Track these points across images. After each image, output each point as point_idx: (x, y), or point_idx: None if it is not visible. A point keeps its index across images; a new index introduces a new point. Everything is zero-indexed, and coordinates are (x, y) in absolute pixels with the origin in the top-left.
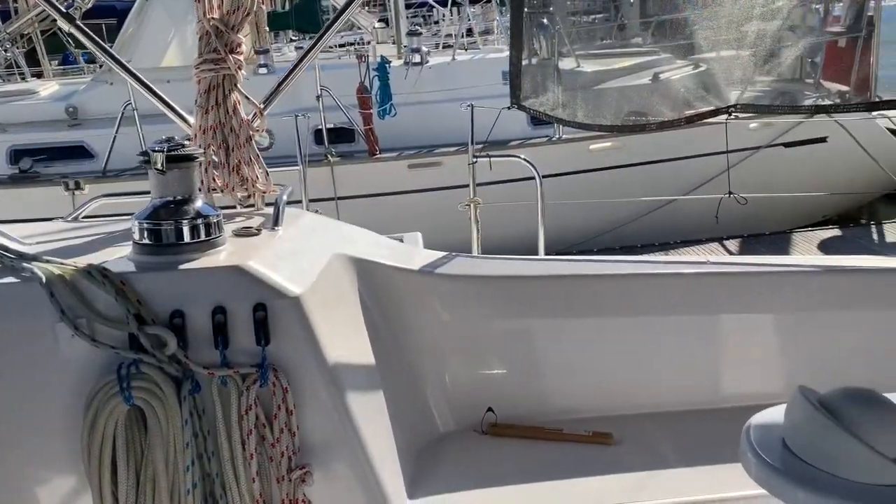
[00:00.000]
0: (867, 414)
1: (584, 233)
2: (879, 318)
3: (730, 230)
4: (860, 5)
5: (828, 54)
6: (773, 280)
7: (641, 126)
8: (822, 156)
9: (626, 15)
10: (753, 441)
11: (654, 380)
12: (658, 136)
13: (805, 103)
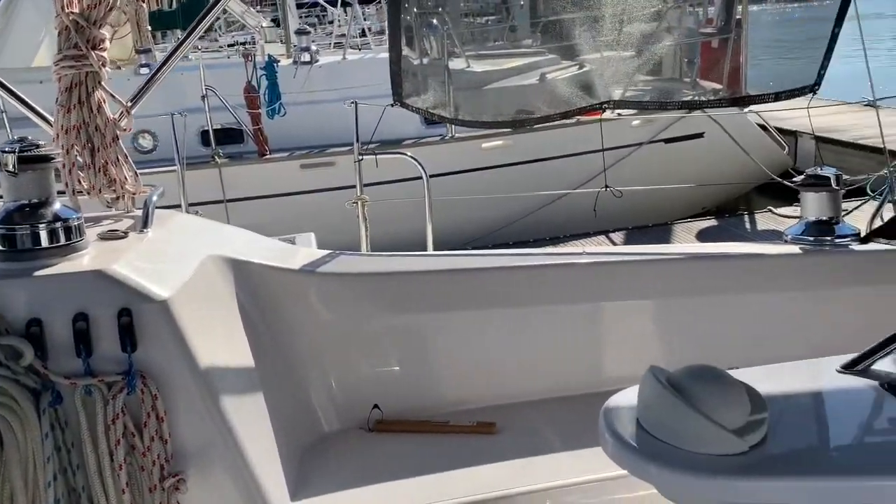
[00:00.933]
0: (710, 390)
1: (477, 230)
2: (741, 300)
3: (617, 223)
4: (730, 8)
5: (703, 54)
6: (644, 268)
7: (521, 121)
8: (699, 151)
9: (517, 17)
10: (610, 421)
11: (535, 368)
12: (548, 134)
13: (683, 101)
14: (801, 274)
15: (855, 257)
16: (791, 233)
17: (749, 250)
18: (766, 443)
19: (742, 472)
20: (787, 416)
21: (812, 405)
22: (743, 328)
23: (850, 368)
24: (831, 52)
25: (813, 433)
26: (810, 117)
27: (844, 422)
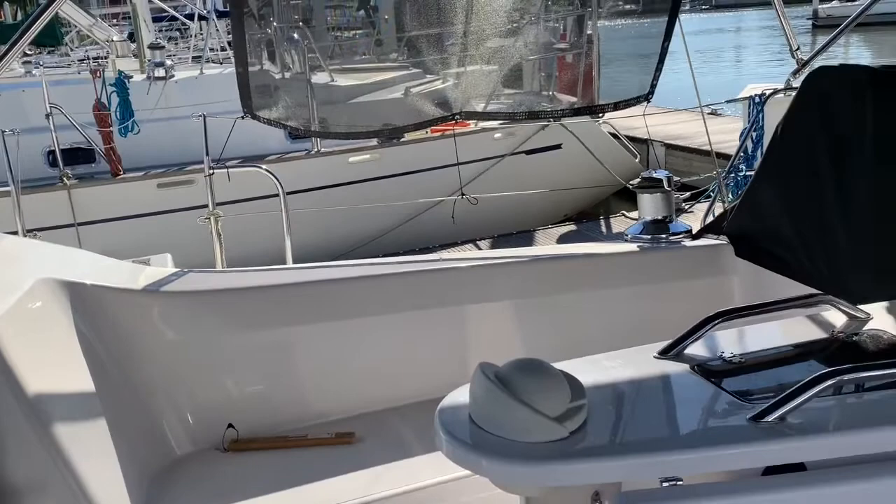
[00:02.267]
0: (532, 381)
1: (341, 246)
2: (586, 297)
3: (483, 233)
4: (581, 24)
5: (560, 68)
6: (498, 271)
7: (377, 132)
8: (558, 161)
9: (382, 31)
10: (444, 420)
11: (396, 375)
12: (416, 147)
13: (545, 111)
14: (639, 270)
15: (687, 252)
16: (631, 232)
17: (593, 250)
18: (586, 427)
19: (563, 457)
20: (605, 401)
21: (629, 390)
22: (589, 322)
23: (666, 354)
24: (662, 65)
25: (628, 416)
26: (656, 125)
27: (656, 403)
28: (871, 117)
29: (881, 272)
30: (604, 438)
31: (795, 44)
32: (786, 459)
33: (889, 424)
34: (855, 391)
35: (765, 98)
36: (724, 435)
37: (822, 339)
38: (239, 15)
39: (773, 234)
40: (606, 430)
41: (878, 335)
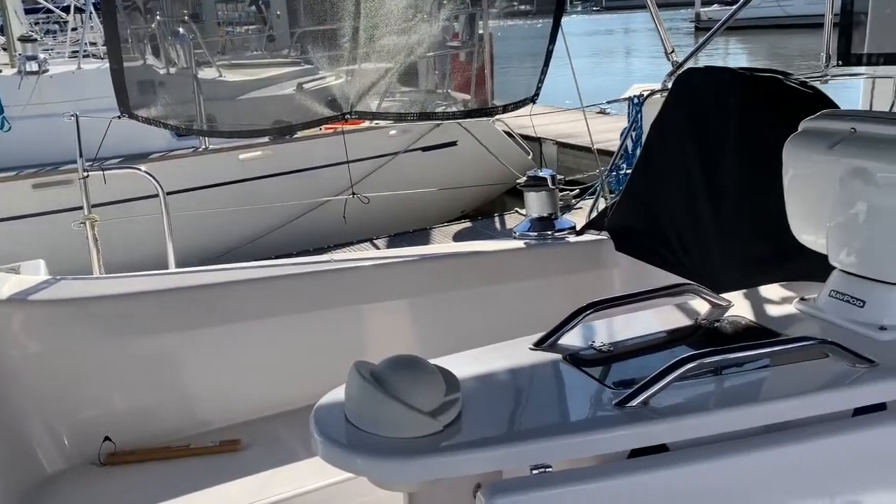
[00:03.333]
0: (406, 378)
1: (232, 245)
2: (476, 293)
3: (380, 231)
4: (473, 24)
5: (454, 67)
6: (389, 270)
7: (265, 130)
8: (454, 158)
9: (275, 27)
10: (319, 421)
11: (283, 379)
12: (306, 143)
13: (436, 111)
14: (526, 266)
15: (571, 248)
16: (519, 230)
17: (482, 248)
18: (460, 420)
19: (436, 450)
20: (481, 393)
21: (503, 382)
22: (478, 318)
23: (540, 345)
24: (547, 67)
25: (501, 407)
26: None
27: (528, 393)
28: (734, 118)
29: (746, 263)
30: (476, 430)
31: (670, 46)
32: (649, 442)
33: (744, 404)
34: (714, 374)
35: (642, 99)
36: (590, 421)
37: (687, 325)
38: (110, 9)
39: (649, 229)
40: (479, 421)
41: (737, 321)
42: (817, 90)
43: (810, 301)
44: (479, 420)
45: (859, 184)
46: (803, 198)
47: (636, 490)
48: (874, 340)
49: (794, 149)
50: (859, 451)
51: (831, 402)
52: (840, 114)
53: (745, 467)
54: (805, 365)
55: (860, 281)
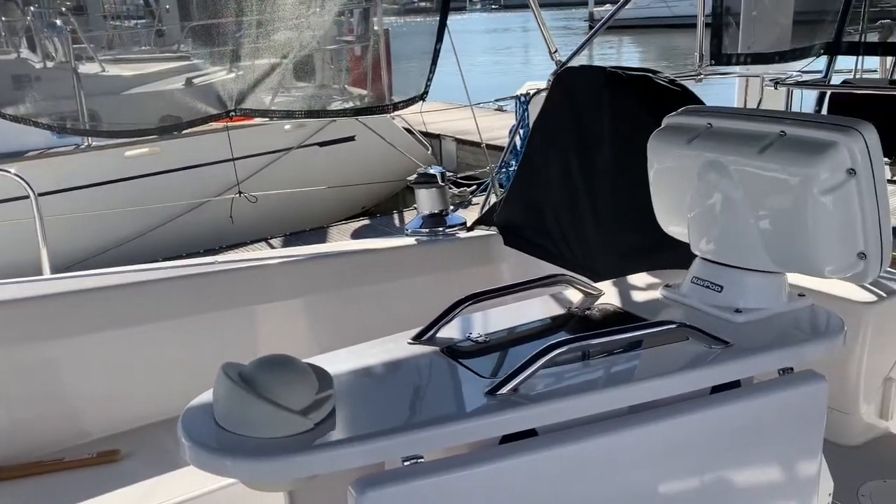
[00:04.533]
0: (276, 377)
1: (118, 244)
2: (368, 291)
3: (274, 230)
4: (367, 18)
5: (351, 62)
6: (278, 270)
7: (148, 130)
8: (352, 153)
9: (165, 20)
10: (187, 426)
11: (165, 386)
12: (197, 139)
13: (332, 107)
14: (418, 262)
15: (462, 243)
16: (410, 227)
17: (374, 246)
18: (333, 417)
19: (307, 448)
20: (356, 389)
21: (379, 376)
22: (369, 316)
23: (419, 339)
24: (435, 65)
25: (375, 401)
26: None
27: (404, 386)
28: (608, 115)
29: (622, 254)
30: (349, 426)
31: (553, 46)
32: (518, 427)
33: (610, 386)
34: (583, 359)
35: (529, 97)
36: (462, 410)
37: (560, 314)
38: None
39: (535, 223)
40: (353, 417)
41: (606, 308)
42: (685, 88)
43: (674, 287)
44: (353, 416)
45: (714, 176)
46: (666, 190)
47: (506, 474)
48: (731, 323)
49: (657, 144)
50: (717, 426)
51: (690, 381)
52: (699, 110)
53: (611, 447)
54: (667, 348)
55: (718, 267)
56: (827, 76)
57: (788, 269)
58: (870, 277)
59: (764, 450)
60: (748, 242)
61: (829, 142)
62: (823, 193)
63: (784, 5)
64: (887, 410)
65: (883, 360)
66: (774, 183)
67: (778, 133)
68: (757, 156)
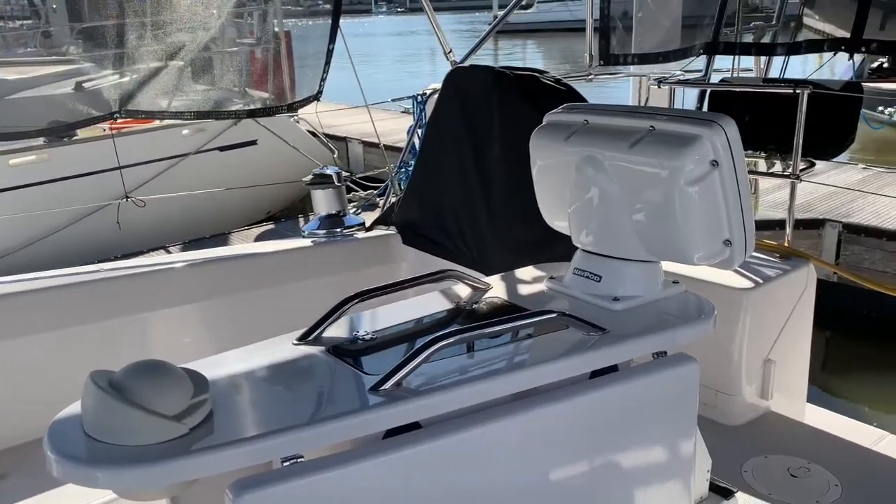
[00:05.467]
0: (148, 383)
1: (7, 254)
2: (266, 294)
3: (176, 237)
4: (267, 21)
5: (252, 64)
6: (171, 276)
7: (24, 133)
8: (255, 157)
9: (52, 22)
10: (54, 439)
11: (46, 401)
12: (90, 146)
13: (219, 110)
14: (316, 264)
15: (360, 244)
16: (307, 228)
17: (269, 248)
18: (211, 420)
19: (183, 454)
20: (236, 392)
21: (262, 378)
22: (267, 319)
23: (304, 339)
24: (328, 65)
25: (256, 403)
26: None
27: (286, 387)
28: (497, 114)
29: (514, 248)
30: (227, 429)
31: (448, 47)
32: (401, 421)
33: (492, 376)
34: (468, 351)
35: (426, 97)
36: (343, 407)
37: (448, 309)
38: None
39: (432, 221)
40: (232, 420)
41: (493, 301)
42: (570, 87)
43: (558, 279)
44: (232, 419)
45: (591, 171)
46: (548, 186)
47: (390, 469)
48: (609, 310)
49: (538, 141)
50: (596, 409)
51: (570, 367)
52: (577, 107)
53: (495, 435)
54: (548, 336)
55: (597, 258)
56: (706, 75)
57: (661, 258)
58: (736, 263)
59: (642, 430)
60: (624, 233)
61: (694, 135)
62: (689, 184)
63: (667, 8)
64: (767, 390)
65: (762, 342)
66: (645, 175)
67: (648, 128)
68: (629, 150)
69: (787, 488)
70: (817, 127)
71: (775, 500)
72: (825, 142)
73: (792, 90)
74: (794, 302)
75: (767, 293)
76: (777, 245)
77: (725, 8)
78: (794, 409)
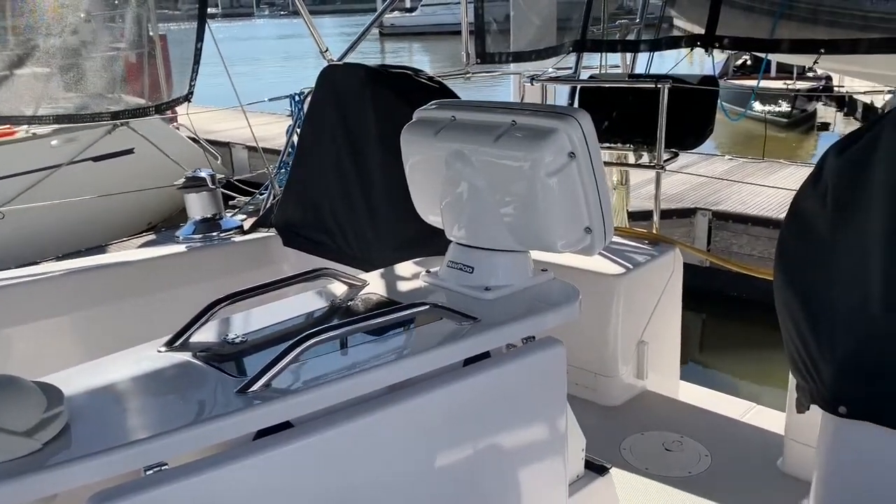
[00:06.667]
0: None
1: None
2: (138, 302)
3: (58, 248)
4: (140, 24)
5: (126, 69)
6: (39, 287)
7: None
8: (132, 167)
9: None
10: None
11: None
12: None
13: (82, 114)
14: (193, 269)
15: (239, 247)
16: (182, 233)
17: (143, 256)
18: (67, 434)
19: (35, 470)
20: (96, 404)
21: (124, 388)
22: (142, 328)
23: (171, 346)
24: (198, 65)
25: (117, 413)
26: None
27: (150, 395)
28: (371, 112)
29: (396, 244)
30: (85, 441)
31: (324, 46)
32: (270, 422)
33: (365, 370)
34: (341, 347)
35: (303, 97)
36: (210, 411)
37: (323, 307)
38: None
39: (312, 221)
40: (90, 432)
41: (368, 298)
42: (443, 84)
43: (434, 273)
44: (91, 430)
45: (459, 165)
46: (421, 182)
47: (260, 469)
48: (481, 300)
49: (409, 137)
50: (469, 396)
51: (442, 357)
52: (445, 104)
53: (369, 428)
54: (422, 328)
55: (469, 250)
56: (576, 72)
57: (529, 247)
58: (597, 249)
59: (515, 413)
60: (493, 225)
61: (551, 129)
62: (549, 175)
63: (538, 8)
64: (642, 370)
65: (635, 325)
66: (509, 168)
67: (510, 123)
68: (493, 144)
69: (661, 462)
70: (679, 120)
71: (651, 474)
72: (686, 133)
73: (653, 85)
74: (663, 285)
75: (638, 278)
76: (646, 232)
77: (591, 7)
78: (668, 387)
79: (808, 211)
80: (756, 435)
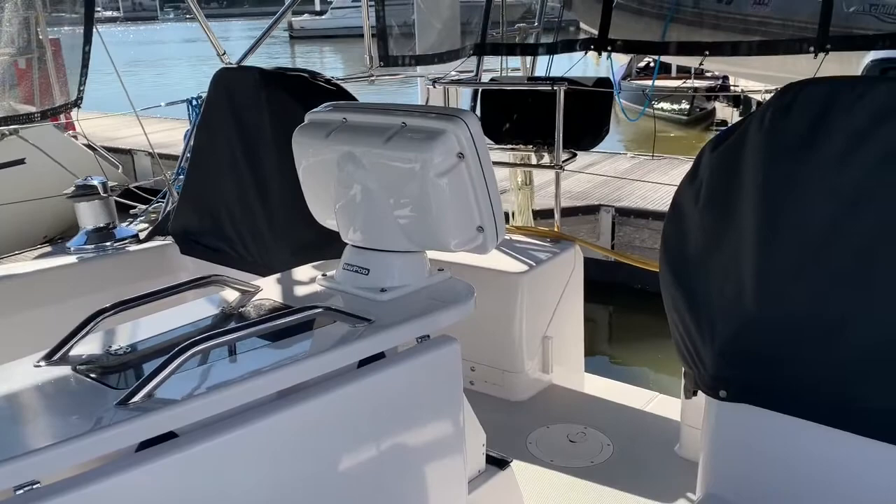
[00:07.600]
0: None
1: None
2: (28, 317)
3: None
4: (29, 28)
5: (16, 75)
6: None
7: None
8: (24, 178)
9: None
10: None
11: None
12: None
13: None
14: (83, 281)
15: (134, 256)
16: (73, 244)
17: (32, 268)
18: None
19: None
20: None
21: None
22: (26, 344)
23: (49, 359)
24: (86, 69)
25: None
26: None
27: (22, 413)
28: (266, 115)
29: (295, 249)
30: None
31: (221, 49)
32: (151, 433)
33: (253, 377)
34: (230, 354)
35: (201, 101)
36: (86, 425)
37: (213, 315)
38: None
39: (210, 228)
40: None
41: (261, 304)
42: (340, 87)
43: (330, 276)
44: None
45: (351, 167)
46: (314, 185)
47: (142, 482)
48: (376, 301)
49: (300, 139)
50: (364, 397)
51: (335, 359)
52: (339, 106)
53: (259, 434)
54: (315, 332)
55: (365, 252)
56: (477, 75)
57: (423, 248)
58: (489, 248)
59: (412, 412)
60: (387, 226)
61: (440, 130)
62: (439, 176)
63: (440, 11)
64: (547, 365)
65: (539, 321)
66: (400, 170)
67: (400, 125)
68: (383, 146)
69: (565, 453)
70: (576, 121)
71: (555, 466)
72: (583, 134)
73: (550, 87)
74: (564, 281)
75: (540, 275)
76: (547, 231)
77: (490, 11)
78: (574, 380)
79: (685, 206)
80: (656, 422)
